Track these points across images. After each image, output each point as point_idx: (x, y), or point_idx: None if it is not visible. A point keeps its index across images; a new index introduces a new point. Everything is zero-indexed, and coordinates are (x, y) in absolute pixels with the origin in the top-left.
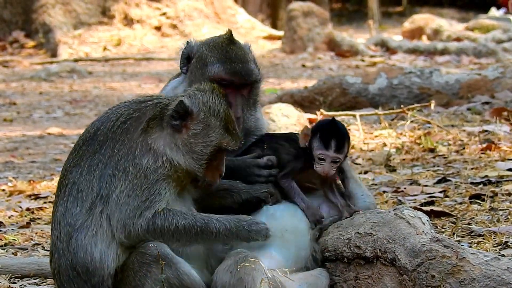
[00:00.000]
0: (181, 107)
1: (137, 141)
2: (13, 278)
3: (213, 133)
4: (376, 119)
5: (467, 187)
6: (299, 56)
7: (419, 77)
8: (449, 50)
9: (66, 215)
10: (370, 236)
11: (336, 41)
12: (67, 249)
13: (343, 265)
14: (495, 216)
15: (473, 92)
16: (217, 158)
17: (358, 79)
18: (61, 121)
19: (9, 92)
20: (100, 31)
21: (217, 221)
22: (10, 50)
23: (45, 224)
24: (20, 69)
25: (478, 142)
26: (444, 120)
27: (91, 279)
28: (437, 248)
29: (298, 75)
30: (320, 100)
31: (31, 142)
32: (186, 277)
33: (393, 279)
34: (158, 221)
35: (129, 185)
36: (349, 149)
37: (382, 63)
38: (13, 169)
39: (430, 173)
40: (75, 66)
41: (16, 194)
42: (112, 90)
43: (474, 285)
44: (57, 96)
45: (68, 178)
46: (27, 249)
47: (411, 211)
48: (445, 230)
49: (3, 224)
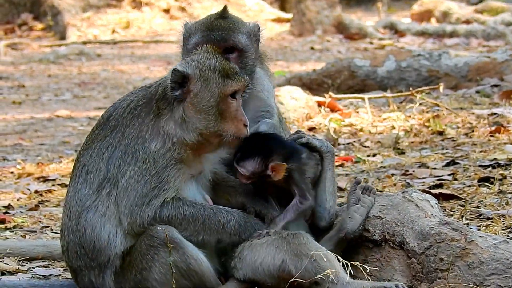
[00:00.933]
0: (176, 74)
1: (148, 125)
2: (21, 260)
3: (213, 84)
4: (384, 102)
5: (476, 170)
6: (307, 39)
7: (428, 59)
8: (458, 32)
9: (76, 195)
10: (379, 219)
11: (345, 24)
12: (76, 227)
13: (352, 248)
14: (504, 199)
15: (482, 74)
16: (230, 107)
17: (366, 62)
18: (69, 103)
19: (17, 74)
20: (109, 13)
21: (226, 212)
22: (19, 32)
23: (53, 207)
24: (28, 51)
25: (487, 124)
26: (453, 102)
27: (98, 257)
28: (445, 231)
29: (307, 58)
30: (329, 83)
31: (40, 124)
32: (193, 261)
33: (402, 262)
34: (166, 210)
35: (138, 170)
36: (264, 167)
37: (390, 46)
38: (22, 151)
39: (438, 156)
40: (83, 49)
41: (25, 176)
42: (121, 73)
43: (482, 268)
44: (66, 78)
45: (80, 161)
46: (35, 231)
47: (420, 194)
48: (453, 213)
49: (11, 206)
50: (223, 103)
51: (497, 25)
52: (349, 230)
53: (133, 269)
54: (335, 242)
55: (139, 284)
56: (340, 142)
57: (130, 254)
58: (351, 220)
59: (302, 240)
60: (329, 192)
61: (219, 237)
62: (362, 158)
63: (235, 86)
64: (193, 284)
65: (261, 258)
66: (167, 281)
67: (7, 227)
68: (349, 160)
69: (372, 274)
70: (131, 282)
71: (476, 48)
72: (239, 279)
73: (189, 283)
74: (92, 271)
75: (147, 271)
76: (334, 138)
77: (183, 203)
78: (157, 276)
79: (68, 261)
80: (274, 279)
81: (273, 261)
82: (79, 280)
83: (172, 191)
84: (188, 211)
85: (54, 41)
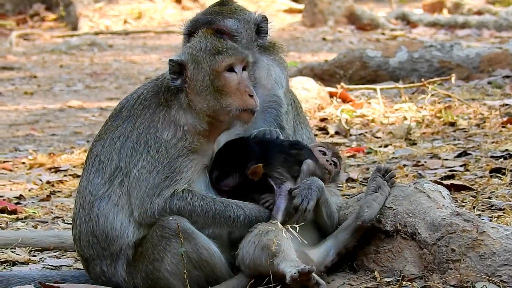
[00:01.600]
0: (172, 65)
1: (159, 115)
2: (33, 250)
3: (204, 64)
4: (396, 92)
5: (488, 161)
6: (319, 30)
7: (439, 50)
8: (470, 23)
9: (89, 185)
10: (390, 210)
11: (357, 15)
12: (88, 216)
13: (363, 239)
14: None
15: (493, 65)
16: (228, 82)
17: (378, 53)
18: (81, 94)
19: (29, 65)
20: (121, 4)
21: (237, 206)
22: (31, 23)
23: (65, 197)
24: (40, 42)
25: (498, 115)
26: (464, 93)
27: (110, 246)
28: (457, 222)
29: (318, 49)
30: (340, 73)
31: (52, 115)
32: (205, 252)
33: (413, 253)
34: (176, 201)
35: (151, 160)
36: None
37: (402, 37)
38: (34, 142)
39: (450, 147)
40: (95, 39)
41: (36, 167)
42: (133, 63)
43: (494, 259)
44: (78, 69)
45: (92, 152)
46: (47, 222)
47: (431, 184)
48: (465, 204)
49: (23, 197)
50: (218, 80)
51: (509, 16)
52: (366, 219)
53: (144, 260)
54: (352, 230)
55: (151, 274)
56: (352, 133)
57: (142, 244)
58: (369, 208)
59: (271, 237)
60: (327, 216)
61: (229, 230)
62: (374, 149)
63: (227, 61)
64: (204, 274)
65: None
66: (179, 272)
67: (19, 218)
68: (360, 151)
69: (383, 265)
70: (143, 272)
71: (488, 39)
72: (245, 273)
73: (200, 273)
74: (105, 260)
75: (159, 262)
76: (345, 128)
77: (193, 195)
78: (168, 267)
79: (80, 250)
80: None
81: (254, 258)
82: (91, 269)
83: (184, 182)
84: (197, 203)
85: (66, 32)
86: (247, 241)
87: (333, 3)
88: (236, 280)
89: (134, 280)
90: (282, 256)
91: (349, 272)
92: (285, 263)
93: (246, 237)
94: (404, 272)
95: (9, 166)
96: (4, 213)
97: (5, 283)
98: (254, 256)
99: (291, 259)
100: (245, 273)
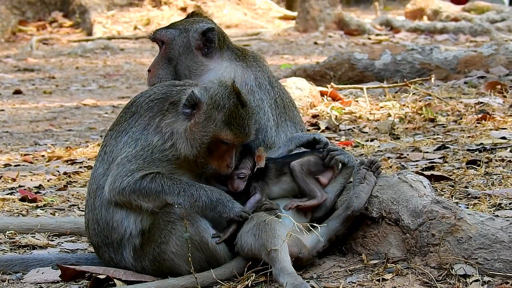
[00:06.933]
0: (191, 97)
1: (154, 120)
2: (51, 236)
3: (212, 125)
4: (381, 91)
5: (464, 153)
6: (311, 35)
7: (420, 53)
8: (448, 29)
9: (94, 174)
10: (376, 198)
11: (345, 21)
12: (93, 204)
13: (352, 225)
14: (490, 180)
15: (469, 67)
16: (219, 148)
17: (365, 55)
18: (95, 93)
19: (48, 67)
20: (131, 11)
21: (200, 187)
22: (50, 29)
23: (80, 187)
24: (58, 46)
25: (474, 112)
26: (443, 92)
27: (112, 235)
28: (437, 209)
29: (311, 52)
30: (331, 74)
31: (68, 112)
32: (206, 235)
33: (397, 237)
34: (145, 182)
35: (134, 154)
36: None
37: (386, 41)
38: (52, 136)
39: (430, 141)
40: (108, 44)
41: (55, 159)
42: (142, 65)
43: (470, 243)
44: (92, 70)
45: (104, 141)
46: (64, 209)
47: (414, 175)
48: (444, 192)
49: (42, 187)
50: (214, 144)
51: (483, 23)
52: (356, 208)
53: (152, 244)
54: (342, 219)
55: (158, 256)
56: (341, 128)
57: (149, 231)
58: (357, 198)
59: (271, 229)
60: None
61: (196, 210)
62: (361, 143)
63: (229, 137)
64: (205, 256)
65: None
66: (183, 253)
67: (38, 206)
68: (349, 145)
69: (370, 248)
70: (150, 255)
71: (464, 43)
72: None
73: (201, 255)
74: (111, 247)
75: (165, 245)
76: (335, 124)
77: (162, 176)
78: (173, 249)
79: (89, 238)
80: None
81: (252, 249)
82: (101, 255)
83: (156, 170)
84: (166, 184)
85: (81, 37)
86: (245, 231)
87: (324, 10)
88: (235, 262)
89: (142, 263)
90: (279, 268)
91: (338, 255)
92: (283, 277)
93: (244, 226)
94: (389, 255)
95: (30, 158)
96: (25, 202)
97: (25, 265)
98: (252, 247)
99: (288, 272)
100: (244, 257)
